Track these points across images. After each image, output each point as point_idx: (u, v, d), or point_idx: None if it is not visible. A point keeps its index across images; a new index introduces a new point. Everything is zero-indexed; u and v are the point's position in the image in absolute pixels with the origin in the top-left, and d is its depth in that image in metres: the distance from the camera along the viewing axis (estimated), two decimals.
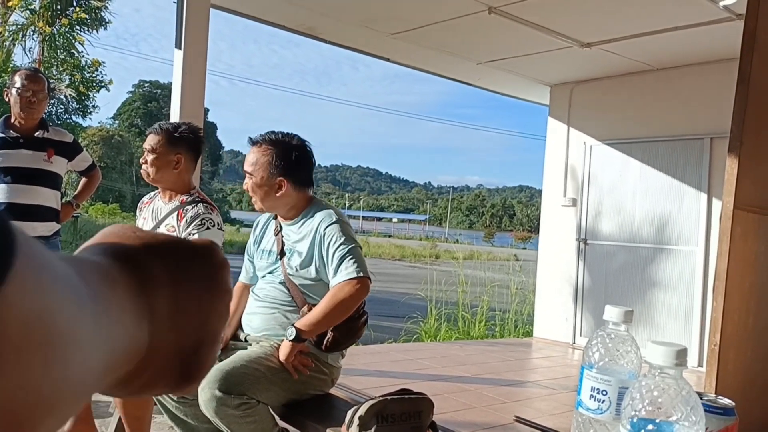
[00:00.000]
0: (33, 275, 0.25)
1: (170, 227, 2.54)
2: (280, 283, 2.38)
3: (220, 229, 2.56)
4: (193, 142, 2.70)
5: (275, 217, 2.51)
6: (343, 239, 2.28)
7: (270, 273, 2.44)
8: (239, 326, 2.52)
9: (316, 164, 2.56)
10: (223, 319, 0.39)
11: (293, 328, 2.23)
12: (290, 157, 2.37)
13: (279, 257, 2.41)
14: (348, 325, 2.32)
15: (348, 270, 2.23)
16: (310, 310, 2.29)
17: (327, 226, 2.31)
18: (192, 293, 0.37)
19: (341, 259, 2.24)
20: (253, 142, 2.42)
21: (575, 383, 0.92)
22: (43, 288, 0.26)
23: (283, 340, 2.25)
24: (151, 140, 2.60)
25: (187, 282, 0.36)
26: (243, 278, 2.64)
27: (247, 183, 2.41)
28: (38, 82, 3.39)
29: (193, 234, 2.48)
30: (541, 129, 6.85)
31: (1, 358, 0.23)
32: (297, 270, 2.35)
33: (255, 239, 2.59)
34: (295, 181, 2.38)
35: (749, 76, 2.25)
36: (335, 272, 2.25)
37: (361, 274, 2.23)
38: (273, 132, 2.44)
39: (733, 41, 2.68)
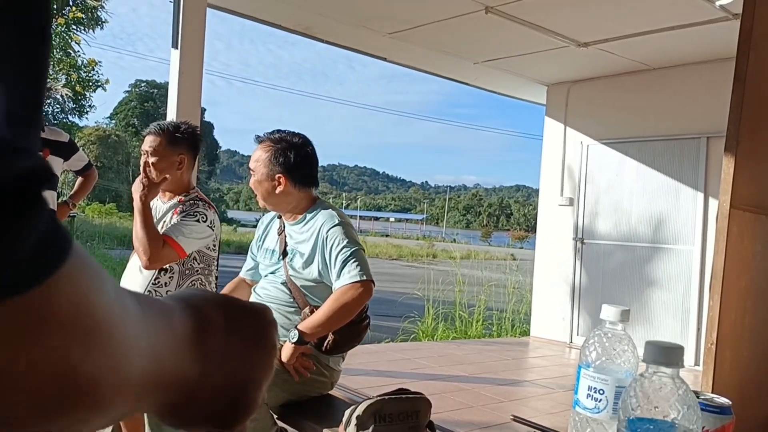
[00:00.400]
0: (85, 275, 0.30)
1: (165, 224, 2.53)
2: (281, 283, 2.38)
3: (210, 226, 2.52)
4: (194, 141, 2.69)
5: (279, 217, 2.51)
6: (345, 242, 2.27)
7: (272, 273, 2.44)
8: None
9: None
10: (268, 371, 0.44)
11: (296, 331, 2.22)
12: (289, 154, 2.37)
13: (281, 257, 2.41)
14: (349, 328, 2.31)
15: (351, 273, 2.22)
16: (311, 311, 2.28)
17: (330, 228, 2.30)
18: (243, 343, 0.42)
19: (344, 263, 2.23)
20: (258, 140, 2.43)
21: (572, 382, 0.92)
22: (92, 288, 0.30)
23: (285, 341, 2.24)
24: (151, 142, 2.54)
25: (239, 332, 0.42)
26: (243, 272, 2.64)
27: (251, 180, 2.41)
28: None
29: (179, 220, 2.46)
30: (538, 128, 6.85)
31: (49, 334, 0.28)
32: (299, 271, 2.34)
33: (259, 237, 2.59)
34: (294, 179, 2.36)
35: (746, 76, 2.26)
36: (338, 275, 2.24)
37: (365, 278, 2.22)
38: (278, 130, 2.44)
39: (730, 41, 2.68)
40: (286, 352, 2.23)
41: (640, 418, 0.71)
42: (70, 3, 16.58)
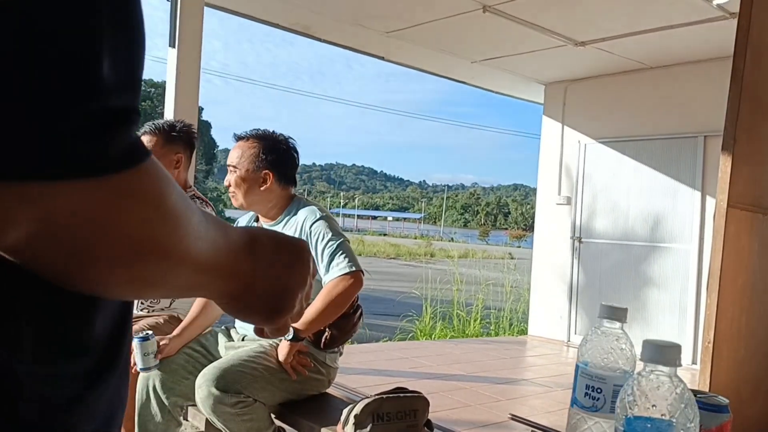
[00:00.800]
0: (162, 172, 0.43)
1: None
2: None
3: None
4: (189, 140, 2.68)
5: (257, 219, 2.48)
6: (330, 235, 2.27)
7: None
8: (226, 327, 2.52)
9: (311, 163, 2.57)
10: (302, 284, 0.58)
11: (291, 328, 2.22)
12: (278, 151, 2.36)
13: None
14: (343, 320, 2.31)
15: (340, 266, 2.22)
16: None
17: (312, 224, 2.30)
18: (284, 260, 0.57)
19: (332, 256, 2.23)
20: (239, 138, 2.40)
21: (570, 381, 0.92)
22: (167, 182, 0.43)
23: (281, 339, 2.24)
24: (146, 141, 2.52)
25: (281, 253, 0.57)
26: None
27: (230, 178, 2.36)
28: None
29: None
30: (536, 127, 6.86)
31: (137, 204, 0.40)
32: None
33: None
34: (280, 176, 2.36)
35: (743, 75, 2.26)
36: (327, 269, 2.24)
37: (354, 269, 2.23)
38: (259, 129, 2.44)
39: (727, 40, 2.69)
40: (282, 350, 2.23)
41: (638, 416, 0.71)
42: None
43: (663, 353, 0.71)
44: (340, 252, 2.24)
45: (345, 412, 1.87)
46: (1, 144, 0.34)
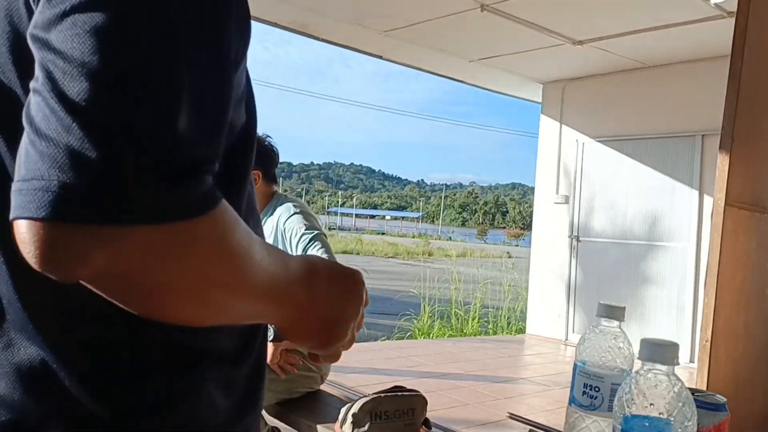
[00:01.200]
0: (226, 221, 0.47)
1: None
2: None
3: None
4: (266, 153, 2.68)
5: None
6: (304, 228, 2.25)
7: None
8: None
9: (309, 162, 2.59)
10: (353, 314, 0.63)
11: (271, 329, 2.22)
12: (263, 149, 2.37)
13: None
14: None
15: None
16: None
17: (286, 220, 2.30)
18: (338, 292, 0.61)
19: (305, 249, 2.22)
20: None
21: (568, 380, 0.92)
22: (233, 226, 0.48)
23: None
24: None
25: (336, 284, 0.62)
26: None
27: None
28: None
29: None
30: (534, 126, 6.87)
31: (208, 254, 0.46)
32: None
33: None
34: (266, 174, 2.38)
35: (740, 74, 2.26)
36: None
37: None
38: None
39: (725, 39, 2.69)
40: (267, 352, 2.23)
41: (636, 415, 0.71)
42: None
43: (661, 352, 0.71)
44: (315, 243, 2.22)
45: (343, 410, 1.87)
46: (79, 190, 0.40)
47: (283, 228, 2.29)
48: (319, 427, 2.14)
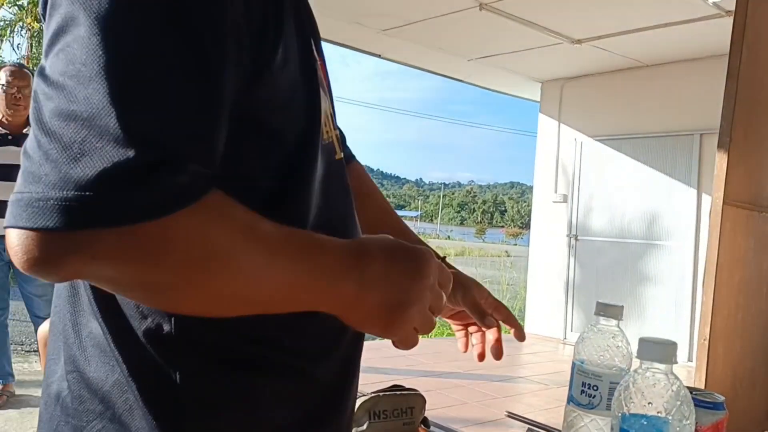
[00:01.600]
0: (216, 210, 0.47)
1: None
2: None
3: None
4: None
5: None
6: None
7: None
8: None
9: None
10: (418, 297, 0.57)
11: None
12: None
13: None
14: None
15: None
16: None
17: None
18: (399, 272, 0.56)
19: None
20: None
21: (566, 378, 0.92)
22: (220, 217, 0.47)
23: None
24: None
25: (397, 265, 0.57)
26: None
27: None
28: (24, 77, 3.37)
29: None
30: (533, 125, 6.87)
31: (175, 259, 0.45)
32: None
33: None
34: None
35: (738, 72, 2.26)
36: None
37: None
38: None
39: (723, 38, 2.69)
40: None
41: (634, 414, 0.71)
42: None
43: (659, 350, 0.71)
44: None
45: None
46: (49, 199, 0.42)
47: None
48: None
